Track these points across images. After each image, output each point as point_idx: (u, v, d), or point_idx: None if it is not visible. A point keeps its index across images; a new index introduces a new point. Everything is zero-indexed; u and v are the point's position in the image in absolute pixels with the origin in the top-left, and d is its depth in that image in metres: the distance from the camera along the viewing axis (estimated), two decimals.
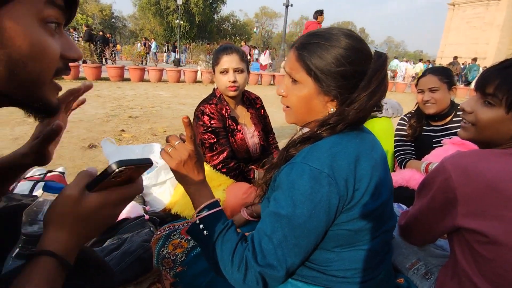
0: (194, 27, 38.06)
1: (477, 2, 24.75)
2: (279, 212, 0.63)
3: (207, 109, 1.50)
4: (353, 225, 0.65)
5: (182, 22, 32.97)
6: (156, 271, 1.14)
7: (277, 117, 4.39)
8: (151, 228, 1.23)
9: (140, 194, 1.52)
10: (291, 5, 13.90)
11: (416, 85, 1.74)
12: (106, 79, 8.29)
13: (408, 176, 1.63)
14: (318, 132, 0.70)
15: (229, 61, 1.45)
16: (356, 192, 0.64)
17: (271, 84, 11.10)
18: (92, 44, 9.01)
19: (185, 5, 34.49)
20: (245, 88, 1.63)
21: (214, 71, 1.53)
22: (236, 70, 1.47)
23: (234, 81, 1.46)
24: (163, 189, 1.52)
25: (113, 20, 44.91)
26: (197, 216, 0.71)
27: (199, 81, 10.04)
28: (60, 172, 1.58)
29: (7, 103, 0.48)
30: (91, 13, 39.26)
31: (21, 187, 1.40)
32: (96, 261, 0.66)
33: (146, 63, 14.69)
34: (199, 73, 10.17)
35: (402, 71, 16.43)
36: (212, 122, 1.47)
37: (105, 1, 44.16)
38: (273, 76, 11.38)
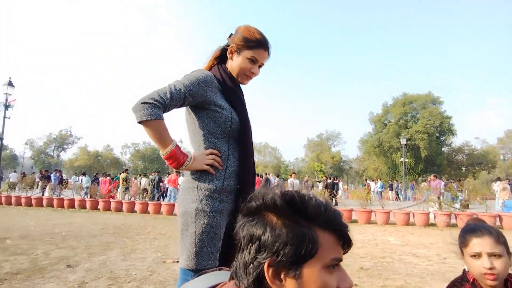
0: (420, 162, 36.60)
1: None
2: None
3: None
4: None
5: (406, 159, 32.71)
6: None
7: None
8: None
9: None
10: None
11: None
12: None
13: None
14: None
15: (480, 244, 1.34)
16: None
17: None
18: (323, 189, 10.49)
19: (409, 142, 34.76)
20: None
21: (461, 251, 1.44)
22: (491, 255, 1.32)
23: (491, 268, 1.30)
24: None
25: (341, 163, 51.28)
26: None
27: (432, 224, 8.92)
28: None
29: None
30: (325, 161, 47.00)
31: None
32: None
33: (370, 203, 15.00)
34: (431, 215, 9.14)
35: None
36: None
37: (335, 149, 52.12)
38: None
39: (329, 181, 15.48)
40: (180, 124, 1.73)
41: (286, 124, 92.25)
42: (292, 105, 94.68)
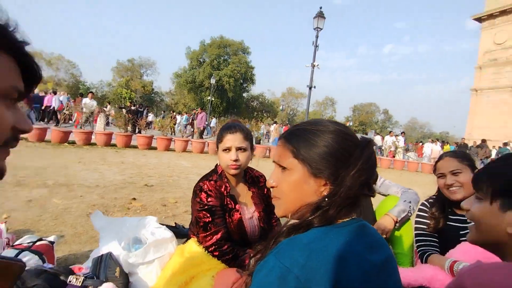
0: (224, 103, 40.99)
1: (501, 89, 24.99)
2: None
3: (205, 185, 1.45)
4: None
5: (213, 98, 35.66)
6: None
7: None
8: None
9: (126, 272, 1.40)
10: (314, 87, 14.77)
11: (434, 170, 1.62)
12: (135, 147, 8.75)
13: (429, 275, 1.41)
14: (310, 219, 0.65)
15: (232, 139, 1.46)
16: None
17: None
18: (128, 115, 9.80)
19: (218, 83, 37.79)
20: (251, 164, 1.61)
21: (217, 148, 1.53)
22: (239, 149, 1.46)
23: (236, 160, 1.44)
24: (150, 269, 1.40)
25: (152, 94, 49.63)
26: None
27: None
28: (50, 242, 1.52)
29: None
30: (135, 88, 43.88)
31: (6, 254, 1.35)
32: None
33: (175, 134, 15.59)
34: None
35: (428, 151, 16.17)
36: (209, 199, 1.41)
37: (148, 78, 49.44)
38: None
39: (132, 108, 15.03)
40: None
41: (88, 39, 77.59)
42: (100, 18, 79.91)
